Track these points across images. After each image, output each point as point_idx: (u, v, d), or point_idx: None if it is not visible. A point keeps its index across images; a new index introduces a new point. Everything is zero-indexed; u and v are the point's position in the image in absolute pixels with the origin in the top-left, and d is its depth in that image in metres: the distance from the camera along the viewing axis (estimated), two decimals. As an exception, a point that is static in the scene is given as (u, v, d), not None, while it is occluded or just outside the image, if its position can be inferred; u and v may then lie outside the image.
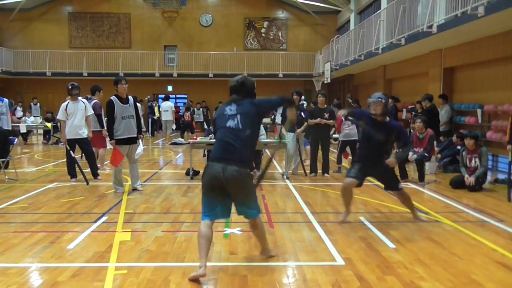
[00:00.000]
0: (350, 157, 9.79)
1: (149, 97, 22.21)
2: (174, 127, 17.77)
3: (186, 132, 17.71)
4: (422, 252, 4.45)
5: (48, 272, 3.89)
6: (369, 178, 8.94)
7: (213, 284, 3.67)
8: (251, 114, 3.92)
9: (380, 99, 5.35)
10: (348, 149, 9.66)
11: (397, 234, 5.04)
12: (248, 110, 3.92)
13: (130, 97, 7.33)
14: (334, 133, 11.69)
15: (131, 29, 24.70)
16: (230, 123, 3.86)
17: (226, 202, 3.91)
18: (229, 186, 3.79)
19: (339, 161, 9.80)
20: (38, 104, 19.97)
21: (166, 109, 16.86)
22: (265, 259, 4.23)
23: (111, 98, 7.14)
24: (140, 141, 7.43)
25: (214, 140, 4.06)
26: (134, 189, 7.47)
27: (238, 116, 3.88)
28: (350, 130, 9.42)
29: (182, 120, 19.27)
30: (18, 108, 19.73)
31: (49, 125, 16.15)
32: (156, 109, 20.50)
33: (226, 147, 3.83)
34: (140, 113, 8.04)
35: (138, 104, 7.86)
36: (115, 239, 4.80)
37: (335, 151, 10.71)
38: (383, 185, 5.89)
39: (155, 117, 20.65)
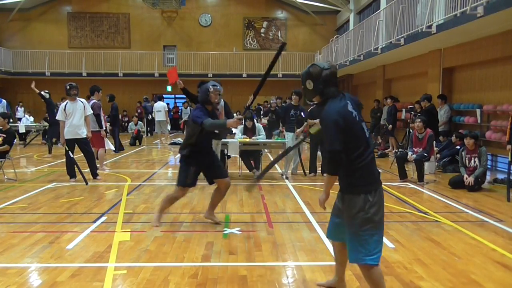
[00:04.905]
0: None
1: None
2: (169, 127, 17.61)
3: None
4: (422, 252, 4.45)
5: (48, 272, 3.89)
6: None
7: (213, 284, 3.67)
8: None
9: (219, 88, 5.27)
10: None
11: (396, 234, 5.04)
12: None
13: None
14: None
15: (130, 29, 24.67)
16: (368, 137, 3.08)
17: None
18: None
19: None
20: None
21: (159, 109, 16.61)
22: (265, 259, 4.23)
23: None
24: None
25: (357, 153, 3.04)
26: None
27: (363, 125, 3.09)
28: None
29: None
30: (19, 108, 19.75)
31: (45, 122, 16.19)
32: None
33: (376, 168, 3.13)
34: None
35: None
36: (114, 239, 4.80)
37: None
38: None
39: (150, 118, 20.61)
